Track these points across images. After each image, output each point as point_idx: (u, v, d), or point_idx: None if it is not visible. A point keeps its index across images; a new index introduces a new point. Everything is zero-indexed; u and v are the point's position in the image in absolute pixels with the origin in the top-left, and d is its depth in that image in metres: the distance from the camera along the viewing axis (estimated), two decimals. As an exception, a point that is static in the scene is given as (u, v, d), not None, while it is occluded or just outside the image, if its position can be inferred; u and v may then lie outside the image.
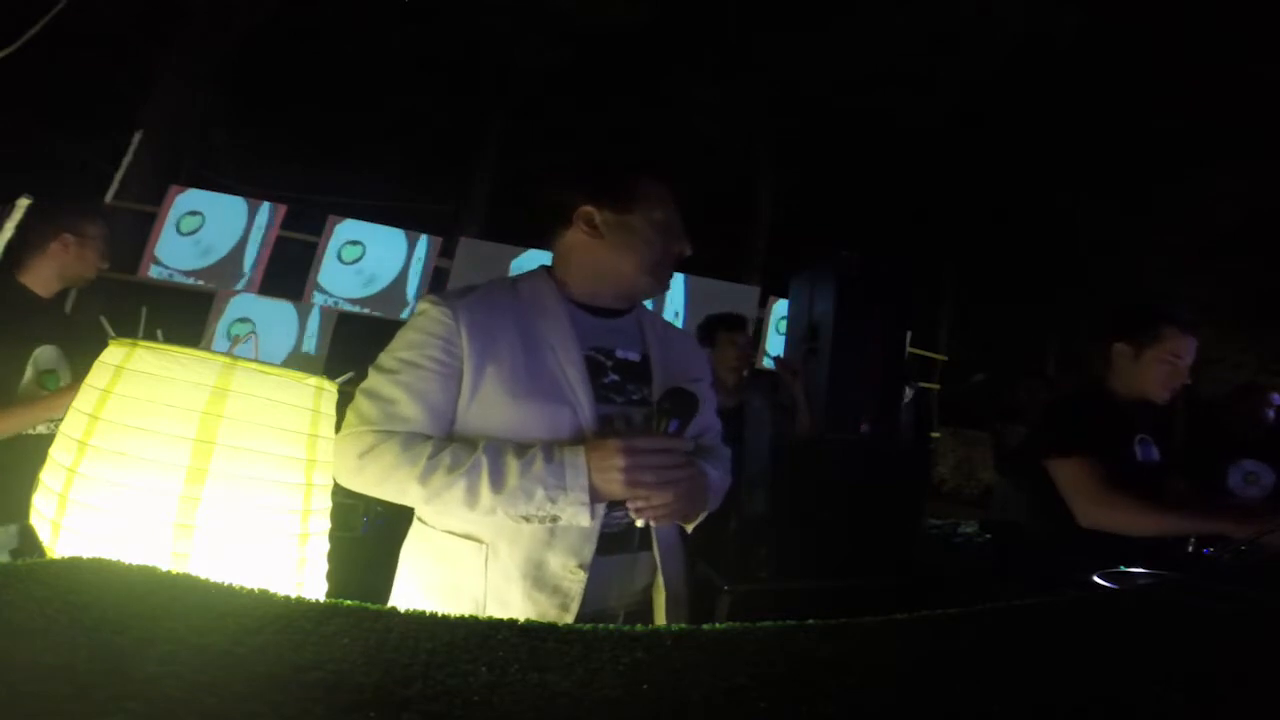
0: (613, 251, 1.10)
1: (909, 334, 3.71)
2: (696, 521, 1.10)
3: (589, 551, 1.01)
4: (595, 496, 0.96)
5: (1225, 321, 9.94)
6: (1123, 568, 1.19)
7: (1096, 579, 1.15)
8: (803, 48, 9.01)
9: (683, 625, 0.59)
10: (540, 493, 0.94)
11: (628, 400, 1.09)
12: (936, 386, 6.28)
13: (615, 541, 1.05)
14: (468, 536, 1.03)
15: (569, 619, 0.98)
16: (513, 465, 0.95)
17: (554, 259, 1.17)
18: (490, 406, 1.02)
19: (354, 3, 8.68)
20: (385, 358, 1.06)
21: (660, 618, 1.10)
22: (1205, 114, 9.09)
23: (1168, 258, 10.32)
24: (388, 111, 9.86)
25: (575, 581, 1.00)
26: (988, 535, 3.70)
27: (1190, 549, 1.61)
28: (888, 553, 2.26)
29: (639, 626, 0.58)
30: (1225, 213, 9.78)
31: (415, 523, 1.12)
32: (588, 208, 1.10)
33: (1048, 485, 1.77)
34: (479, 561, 1.01)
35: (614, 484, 0.95)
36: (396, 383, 1.02)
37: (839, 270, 3.07)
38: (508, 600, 1.00)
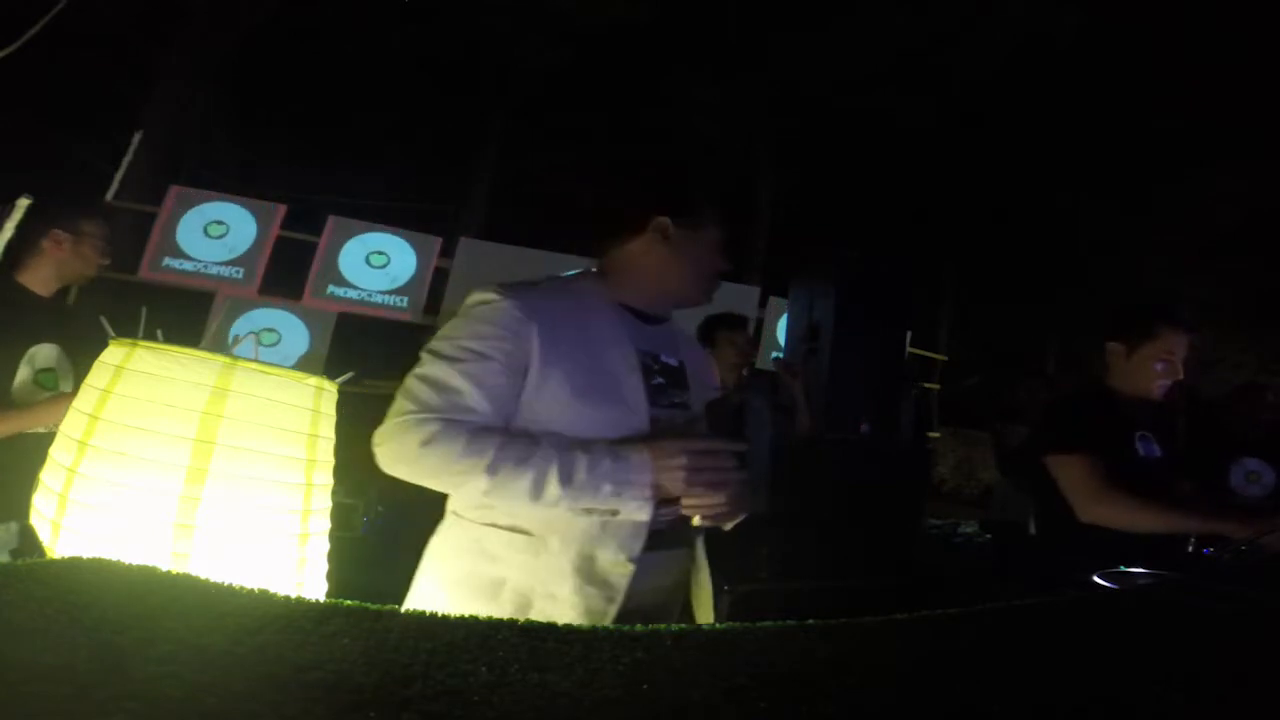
0: (674, 263, 1.14)
1: (909, 334, 3.71)
2: (735, 522, 1.13)
3: (638, 546, 1.03)
4: (654, 493, 1.00)
5: (1225, 321, 9.94)
6: (1123, 568, 1.19)
7: (1096, 579, 1.15)
8: (803, 48, 9.02)
9: (683, 625, 0.59)
10: (607, 488, 0.97)
11: (670, 403, 1.12)
12: (936, 386, 6.28)
13: (660, 537, 1.07)
14: (514, 529, 1.03)
15: (613, 611, 1.01)
16: (581, 461, 0.98)
17: (607, 263, 1.19)
18: (553, 403, 1.03)
19: (354, 3, 8.68)
20: (446, 345, 1.04)
21: (707, 614, 1.14)
22: (1205, 114, 9.09)
23: (1168, 258, 10.33)
24: (388, 111, 9.87)
25: (623, 575, 1.02)
26: (988, 535, 3.71)
27: (1190, 549, 1.61)
28: (888, 553, 2.27)
29: (639, 626, 0.58)
30: (1225, 213, 9.78)
31: (449, 516, 1.11)
32: (664, 219, 1.13)
33: (1050, 484, 1.77)
34: (527, 555, 1.02)
35: (675, 482, 0.99)
36: (462, 372, 1.01)
37: (839, 270, 3.06)
38: (556, 593, 1.00)
